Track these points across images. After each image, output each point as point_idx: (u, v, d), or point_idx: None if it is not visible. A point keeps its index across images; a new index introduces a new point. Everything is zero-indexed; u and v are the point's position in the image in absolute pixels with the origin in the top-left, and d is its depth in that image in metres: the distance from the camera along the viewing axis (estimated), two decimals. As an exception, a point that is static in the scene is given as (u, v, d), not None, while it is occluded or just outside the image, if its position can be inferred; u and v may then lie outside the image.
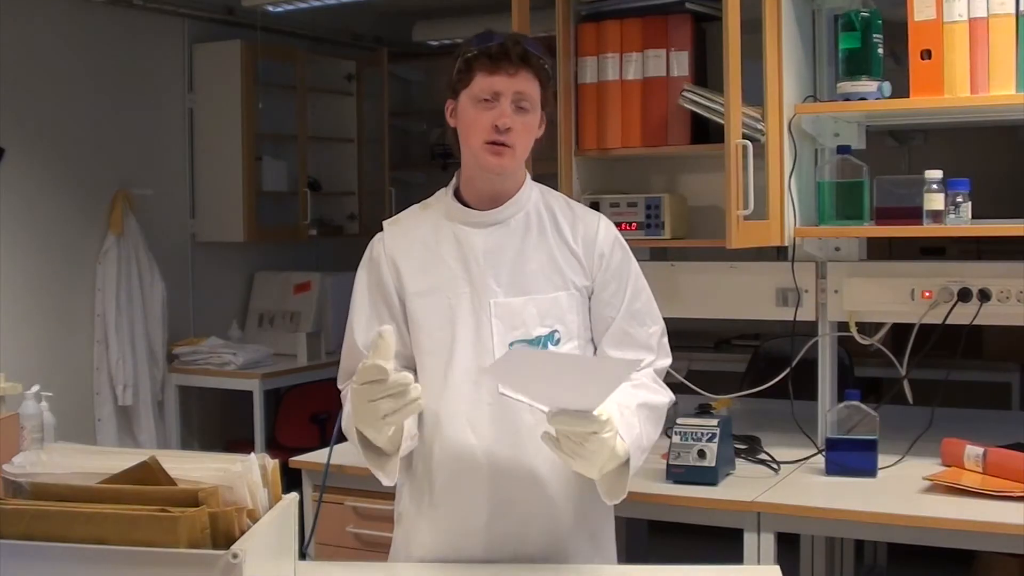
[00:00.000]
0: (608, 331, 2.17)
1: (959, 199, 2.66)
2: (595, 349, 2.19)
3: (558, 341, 2.12)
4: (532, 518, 2.10)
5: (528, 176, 2.20)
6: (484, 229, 2.14)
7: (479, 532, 2.09)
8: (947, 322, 2.78)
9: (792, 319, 2.96)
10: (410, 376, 1.89)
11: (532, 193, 2.18)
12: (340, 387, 2.21)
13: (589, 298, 2.17)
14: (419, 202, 2.25)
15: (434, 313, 2.12)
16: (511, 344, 2.09)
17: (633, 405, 2.06)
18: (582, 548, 2.15)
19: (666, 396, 2.19)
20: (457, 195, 2.18)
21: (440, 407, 2.10)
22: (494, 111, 2.06)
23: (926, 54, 2.71)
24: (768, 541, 2.47)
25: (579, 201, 3.00)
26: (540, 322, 2.11)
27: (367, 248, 2.23)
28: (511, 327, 2.10)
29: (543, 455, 2.07)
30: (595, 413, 1.86)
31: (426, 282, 2.14)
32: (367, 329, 2.14)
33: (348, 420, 2.04)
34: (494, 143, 2.06)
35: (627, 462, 1.98)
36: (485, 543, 2.09)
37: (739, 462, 2.75)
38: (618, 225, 2.92)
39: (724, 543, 2.60)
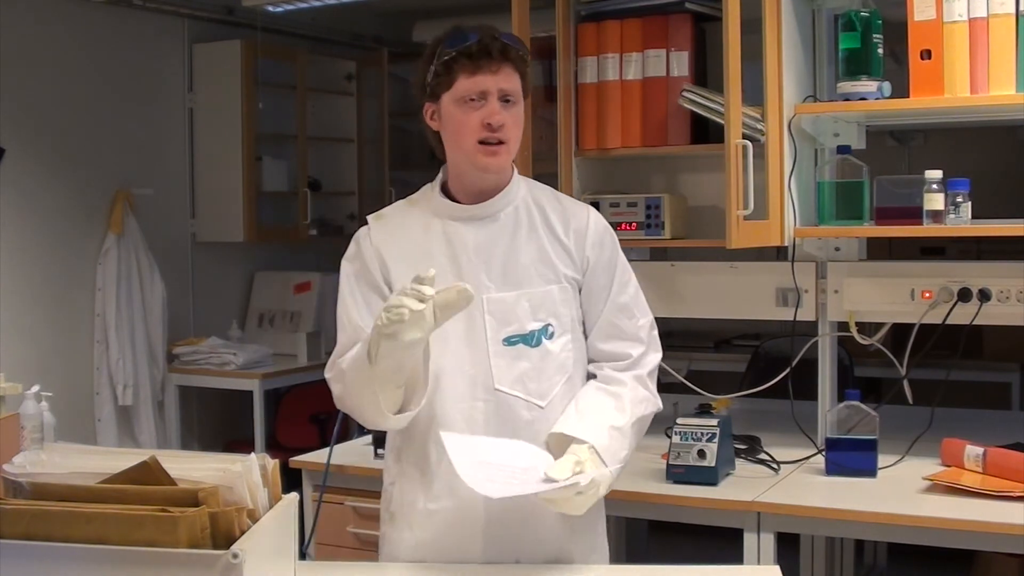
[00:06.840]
0: (597, 324, 2.16)
1: (959, 199, 2.66)
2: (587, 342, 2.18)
3: (552, 335, 2.11)
4: (530, 513, 2.08)
5: (515, 170, 2.18)
6: (474, 224, 2.12)
7: (477, 528, 2.08)
8: (947, 322, 2.78)
9: (792, 319, 2.96)
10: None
11: (520, 188, 2.17)
12: (328, 375, 2.18)
13: (579, 291, 2.16)
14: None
15: None
16: (504, 340, 2.08)
17: (627, 425, 2.10)
18: (578, 545, 2.15)
19: (655, 404, 2.20)
20: (444, 190, 2.16)
21: (435, 405, 2.09)
22: (483, 110, 2.03)
23: (926, 54, 2.70)
24: (768, 541, 2.47)
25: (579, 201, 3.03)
26: (533, 316, 2.10)
27: (352, 242, 2.20)
28: (504, 323, 2.09)
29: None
30: (579, 480, 1.92)
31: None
32: (363, 314, 2.13)
33: (360, 366, 2.03)
34: (487, 142, 2.04)
35: None
36: (483, 540, 2.08)
37: (739, 462, 2.75)
38: (618, 225, 2.96)
39: (724, 543, 2.60)
